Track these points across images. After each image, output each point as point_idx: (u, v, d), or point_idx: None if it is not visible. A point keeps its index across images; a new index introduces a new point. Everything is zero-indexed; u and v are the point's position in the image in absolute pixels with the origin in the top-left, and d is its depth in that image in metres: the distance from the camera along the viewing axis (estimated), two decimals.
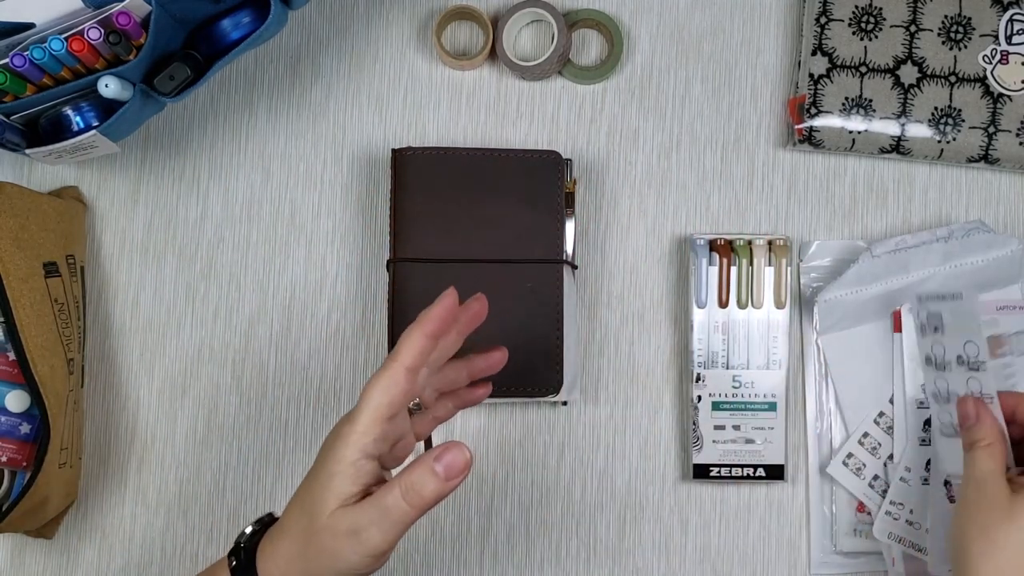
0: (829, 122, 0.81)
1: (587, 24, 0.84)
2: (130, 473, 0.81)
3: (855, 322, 0.81)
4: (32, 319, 0.72)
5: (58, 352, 0.74)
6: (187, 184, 0.83)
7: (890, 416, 0.80)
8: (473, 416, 0.82)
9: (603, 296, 0.83)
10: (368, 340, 0.82)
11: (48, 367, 0.72)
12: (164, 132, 0.83)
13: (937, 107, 0.81)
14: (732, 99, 0.84)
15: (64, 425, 0.74)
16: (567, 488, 0.82)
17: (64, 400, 0.74)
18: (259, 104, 0.84)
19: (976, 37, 0.81)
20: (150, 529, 0.81)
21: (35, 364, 0.71)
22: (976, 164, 0.82)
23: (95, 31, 0.67)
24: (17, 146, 0.72)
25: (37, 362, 0.71)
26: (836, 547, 0.81)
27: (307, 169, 0.83)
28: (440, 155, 0.79)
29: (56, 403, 0.72)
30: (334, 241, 0.83)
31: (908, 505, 0.79)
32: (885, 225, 0.84)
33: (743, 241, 0.81)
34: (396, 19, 0.84)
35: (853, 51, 0.81)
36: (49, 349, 0.73)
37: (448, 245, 0.78)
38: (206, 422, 0.81)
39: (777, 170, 0.84)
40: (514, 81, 0.84)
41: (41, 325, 0.73)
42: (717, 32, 0.85)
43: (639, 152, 0.84)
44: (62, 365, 0.74)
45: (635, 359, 0.83)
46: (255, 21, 0.72)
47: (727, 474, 0.80)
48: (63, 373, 0.74)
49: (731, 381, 0.80)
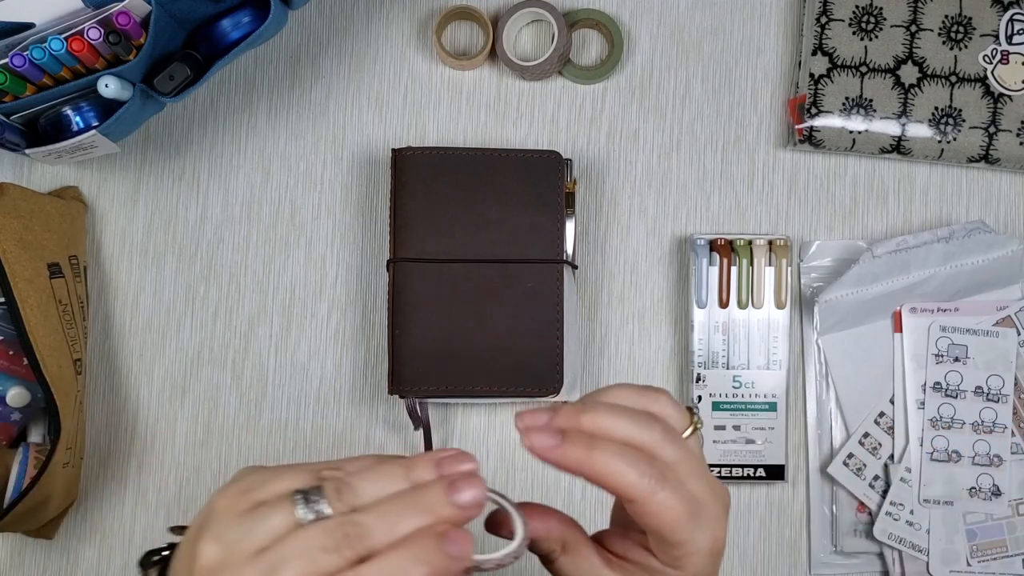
0: (829, 122, 0.81)
1: (587, 24, 0.84)
2: (130, 473, 0.81)
3: (856, 322, 0.81)
4: (40, 320, 0.72)
5: (65, 352, 0.74)
6: (187, 184, 0.83)
7: (890, 416, 0.80)
8: (473, 416, 0.82)
9: (603, 296, 0.83)
10: (368, 340, 0.82)
11: (57, 367, 0.72)
12: (164, 132, 0.83)
13: (937, 107, 0.81)
14: (732, 99, 0.84)
15: (71, 425, 0.74)
16: (567, 488, 0.82)
17: (73, 400, 0.74)
18: (259, 104, 0.84)
19: (976, 37, 0.81)
20: (150, 529, 0.81)
21: (45, 364, 0.71)
22: (976, 164, 0.82)
23: (95, 31, 0.67)
24: (17, 146, 0.72)
25: (47, 362, 0.72)
26: (836, 547, 0.81)
27: (307, 169, 0.83)
28: (440, 155, 0.79)
29: (66, 403, 0.73)
30: (334, 241, 0.83)
31: (908, 505, 0.79)
32: (885, 225, 0.84)
33: (743, 241, 0.81)
34: (396, 19, 0.84)
35: (853, 51, 0.81)
36: (57, 349, 0.73)
37: (448, 245, 0.78)
38: (206, 422, 0.81)
39: (777, 170, 0.84)
40: (514, 81, 0.84)
41: (48, 326, 0.73)
42: (717, 32, 0.85)
43: (639, 152, 0.84)
44: (69, 365, 0.74)
45: (635, 359, 0.82)
46: (255, 21, 0.72)
47: (727, 474, 0.80)
48: (71, 373, 0.74)
49: (731, 381, 0.80)
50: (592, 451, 0.47)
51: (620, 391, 0.50)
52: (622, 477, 0.47)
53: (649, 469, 0.47)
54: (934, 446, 0.79)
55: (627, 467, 0.47)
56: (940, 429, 0.79)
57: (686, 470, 0.48)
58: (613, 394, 0.50)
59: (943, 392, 0.79)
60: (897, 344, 0.81)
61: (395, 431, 0.82)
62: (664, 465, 0.48)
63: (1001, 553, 0.79)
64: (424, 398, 0.77)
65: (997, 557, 0.79)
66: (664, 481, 0.47)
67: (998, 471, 0.79)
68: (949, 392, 0.79)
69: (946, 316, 0.80)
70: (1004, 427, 0.79)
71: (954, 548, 0.79)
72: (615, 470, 0.47)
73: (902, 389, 0.80)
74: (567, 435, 0.48)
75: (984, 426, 0.79)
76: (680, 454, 0.49)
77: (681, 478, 0.48)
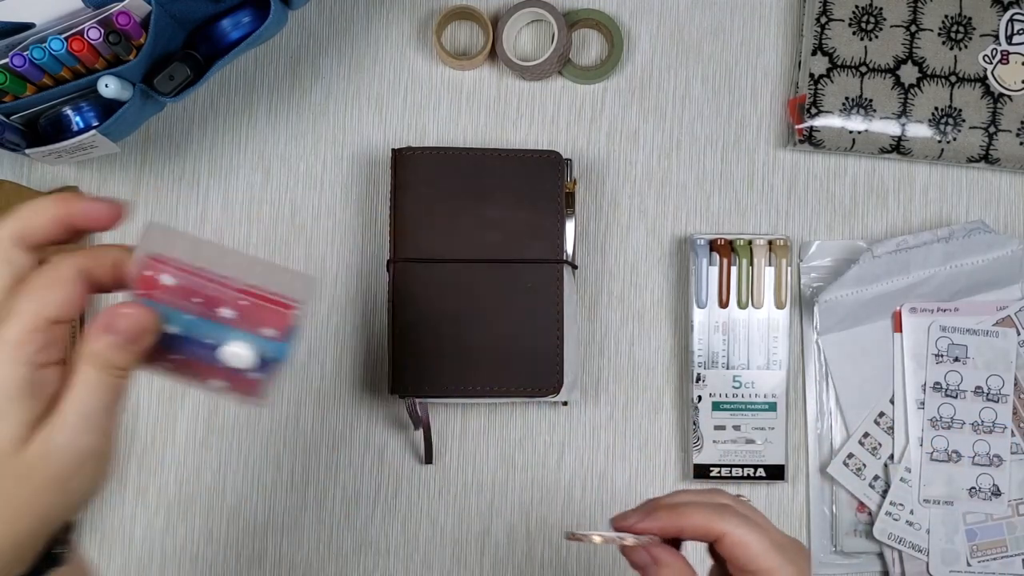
0: (829, 122, 0.81)
1: (587, 24, 0.84)
2: (130, 473, 0.81)
3: (856, 322, 0.81)
4: None
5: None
6: (187, 184, 0.83)
7: (890, 416, 0.81)
8: (473, 416, 0.82)
9: (603, 296, 0.83)
10: (368, 340, 0.82)
11: None
12: (164, 132, 0.83)
13: (937, 107, 0.81)
14: (732, 99, 0.84)
15: None
16: (567, 488, 0.82)
17: None
18: (259, 105, 0.84)
19: (976, 37, 0.81)
20: (150, 529, 0.81)
21: None
22: (976, 164, 0.82)
23: (95, 31, 0.67)
24: (17, 146, 0.72)
25: None
26: (836, 547, 0.81)
27: (307, 169, 0.83)
28: (440, 155, 0.79)
29: None
30: (334, 241, 0.83)
31: (908, 505, 0.79)
32: (885, 225, 0.84)
33: (743, 241, 0.81)
34: (396, 19, 0.84)
35: (853, 51, 0.81)
36: None
37: (448, 245, 0.78)
38: (206, 422, 0.81)
39: (777, 170, 0.84)
40: (514, 81, 0.84)
41: None
42: (717, 32, 0.85)
43: (639, 152, 0.84)
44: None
45: (635, 359, 0.83)
46: (255, 21, 0.72)
47: (727, 474, 0.80)
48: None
49: (731, 381, 0.80)
50: (677, 506, 0.54)
51: (682, 493, 0.57)
52: (706, 519, 0.53)
53: (728, 511, 0.54)
54: (934, 446, 0.79)
55: (710, 511, 0.54)
56: (940, 429, 0.79)
57: (762, 519, 0.55)
58: (677, 495, 0.57)
59: (943, 392, 0.79)
60: (897, 344, 0.81)
61: (395, 431, 0.82)
62: (741, 511, 0.55)
63: (1001, 553, 0.79)
64: (424, 398, 0.77)
65: (997, 557, 0.79)
66: (744, 518, 0.54)
67: (998, 471, 0.79)
68: (949, 392, 0.79)
69: (946, 316, 0.80)
70: (1004, 427, 0.79)
71: (954, 548, 0.79)
72: (701, 514, 0.54)
73: (902, 389, 0.80)
74: (651, 511, 0.55)
75: (984, 426, 0.79)
76: (753, 510, 0.56)
77: (759, 522, 0.55)
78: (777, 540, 0.53)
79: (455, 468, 0.82)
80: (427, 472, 0.81)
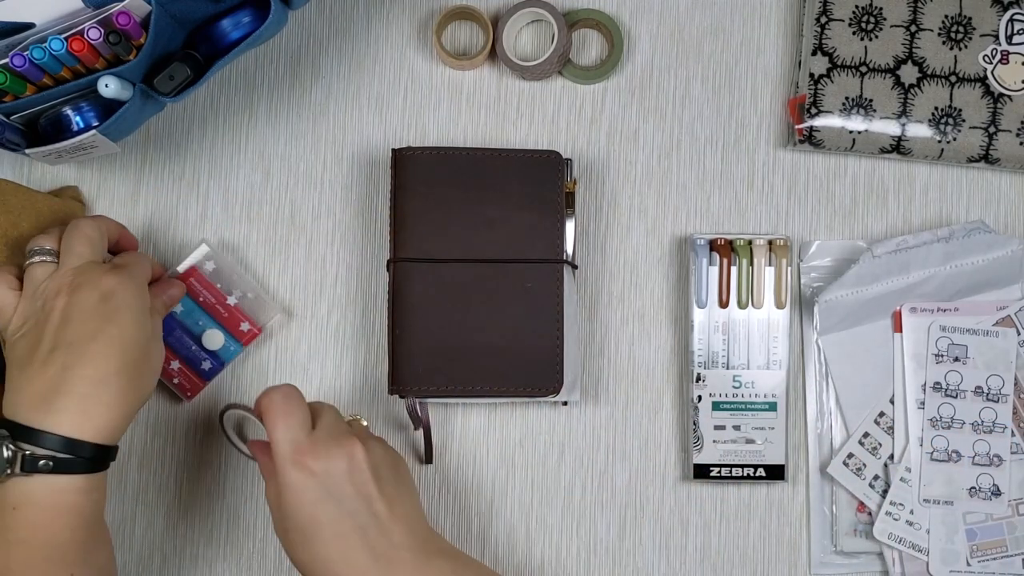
0: (829, 122, 0.81)
1: (587, 24, 0.84)
2: (130, 473, 0.81)
3: (855, 322, 0.81)
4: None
5: None
6: (187, 184, 0.83)
7: (890, 416, 0.81)
8: (473, 416, 0.82)
9: (603, 296, 0.83)
10: (368, 340, 0.82)
11: None
12: (164, 132, 0.83)
13: (937, 107, 0.81)
14: (732, 99, 0.84)
15: None
16: (567, 488, 0.82)
17: None
18: (259, 104, 0.84)
19: (976, 37, 0.81)
20: (150, 529, 0.81)
21: None
22: (976, 164, 0.82)
23: (95, 31, 0.67)
24: (17, 146, 0.72)
25: None
26: (836, 547, 0.81)
27: (307, 169, 0.83)
28: (440, 155, 0.79)
29: None
30: (334, 241, 0.83)
31: (908, 505, 0.79)
32: (885, 225, 0.84)
33: (743, 241, 0.81)
34: (396, 19, 0.84)
35: (853, 51, 0.81)
36: None
37: (448, 245, 0.78)
38: (206, 422, 0.81)
39: (777, 170, 0.84)
40: (514, 81, 0.84)
41: None
42: (717, 32, 0.85)
43: (639, 152, 0.84)
44: None
45: (635, 359, 0.83)
46: (255, 21, 0.72)
47: (727, 474, 0.80)
48: None
49: (731, 381, 0.80)
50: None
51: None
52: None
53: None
54: (934, 446, 0.79)
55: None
56: (940, 429, 0.79)
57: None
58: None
59: (943, 392, 0.79)
60: (897, 344, 0.81)
61: (395, 431, 0.82)
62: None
63: (1001, 553, 0.79)
64: (424, 398, 0.78)
65: (997, 557, 0.79)
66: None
67: (998, 471, 0.79)
68: (949, 392, 0.79)
69: (946, 316, 0.80)
70: (1004, 427, 0.79)
71: (954, 548, 0.79)
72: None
73: (902, 389, 0.81)
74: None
75: (984, 426, 0.79)
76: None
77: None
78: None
79: (455, 468, 0.82)
80: (427, 472, 0.82)
